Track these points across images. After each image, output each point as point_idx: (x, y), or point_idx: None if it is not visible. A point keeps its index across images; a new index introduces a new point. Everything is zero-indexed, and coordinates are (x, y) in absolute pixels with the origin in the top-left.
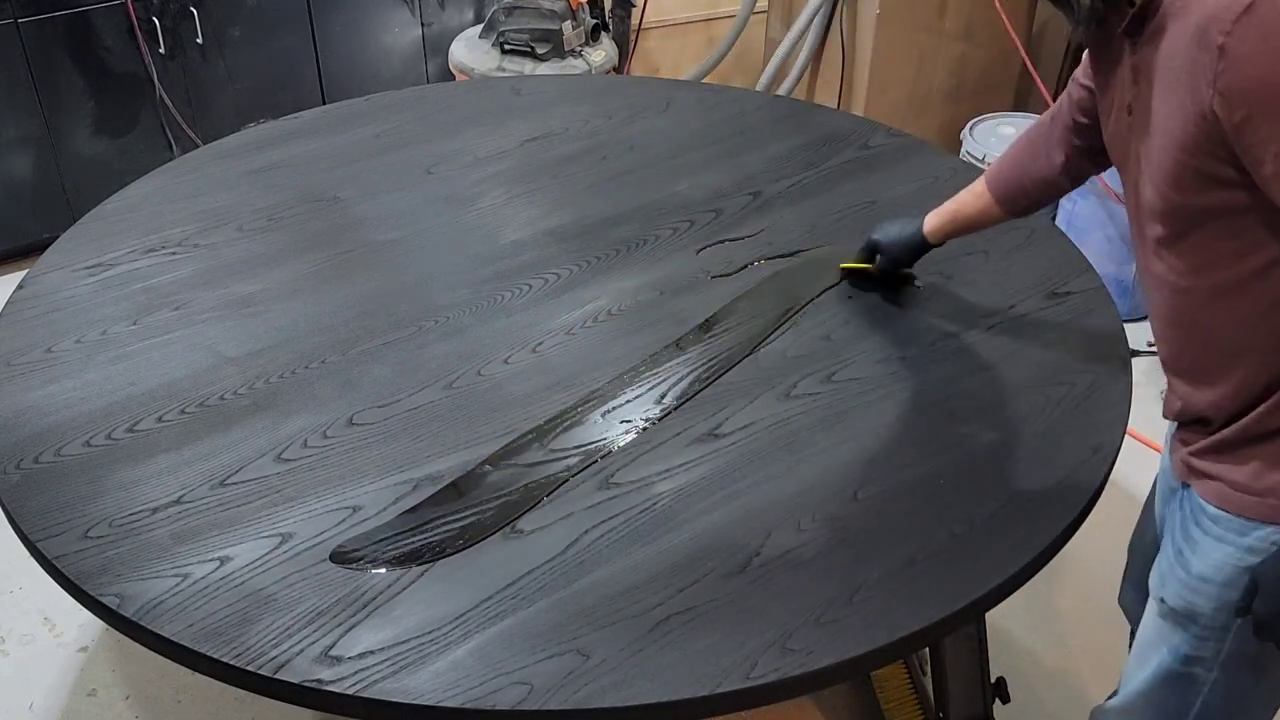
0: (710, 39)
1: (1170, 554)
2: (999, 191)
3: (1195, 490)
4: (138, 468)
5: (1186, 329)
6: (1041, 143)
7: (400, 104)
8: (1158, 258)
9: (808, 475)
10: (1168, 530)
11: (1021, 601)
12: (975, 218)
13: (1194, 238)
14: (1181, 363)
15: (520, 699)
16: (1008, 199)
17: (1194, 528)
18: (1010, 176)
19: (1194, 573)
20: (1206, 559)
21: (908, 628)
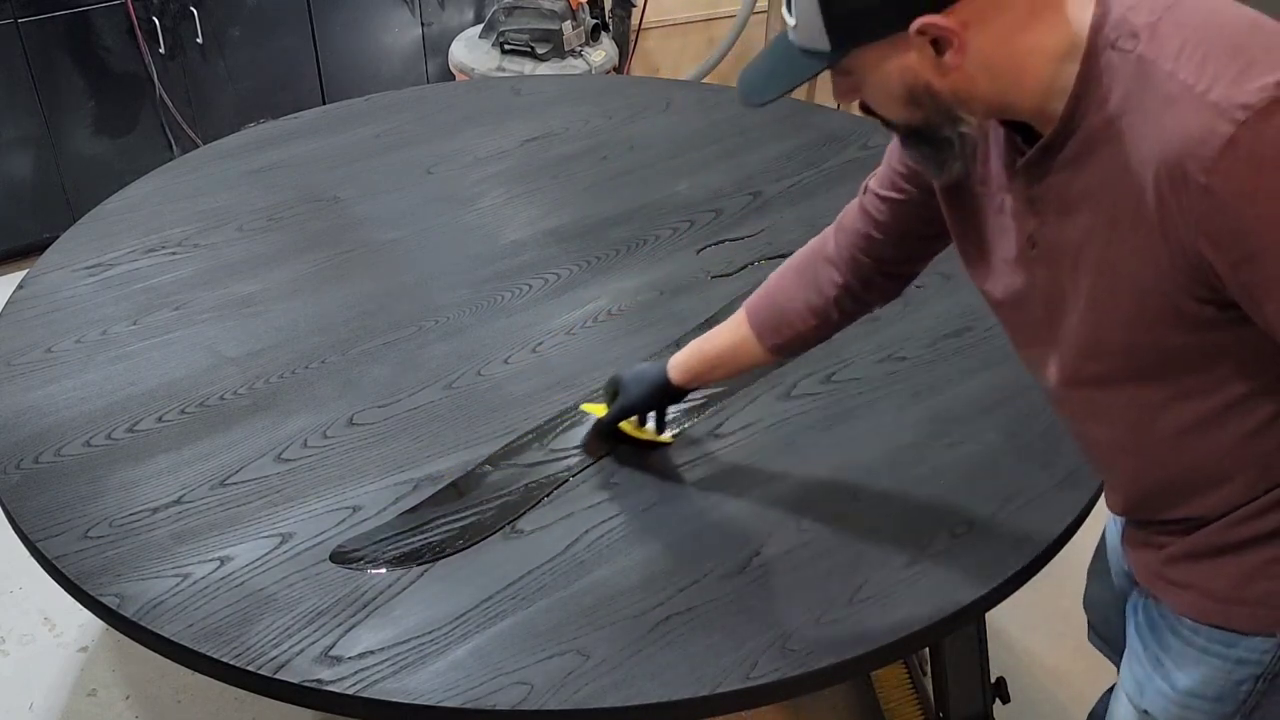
0: (710, 39)
1: (1144, 661)
2: (760, 322)
3: (1167, 602)
4: (138, 468)
5: (1143, 463)
6: (814, 264)
7: (400, 104)
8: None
9: (808, 475)
10: (1131, 625)
11: (1021, 601)
12: (730, 354)
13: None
14: (1136, 490)
15: (520, 699)
16: (768, 330)
17: (1170, 636)
18: (774, 303)
19: (1181, 689)
20: (1193, 674)
21: (908, 628)
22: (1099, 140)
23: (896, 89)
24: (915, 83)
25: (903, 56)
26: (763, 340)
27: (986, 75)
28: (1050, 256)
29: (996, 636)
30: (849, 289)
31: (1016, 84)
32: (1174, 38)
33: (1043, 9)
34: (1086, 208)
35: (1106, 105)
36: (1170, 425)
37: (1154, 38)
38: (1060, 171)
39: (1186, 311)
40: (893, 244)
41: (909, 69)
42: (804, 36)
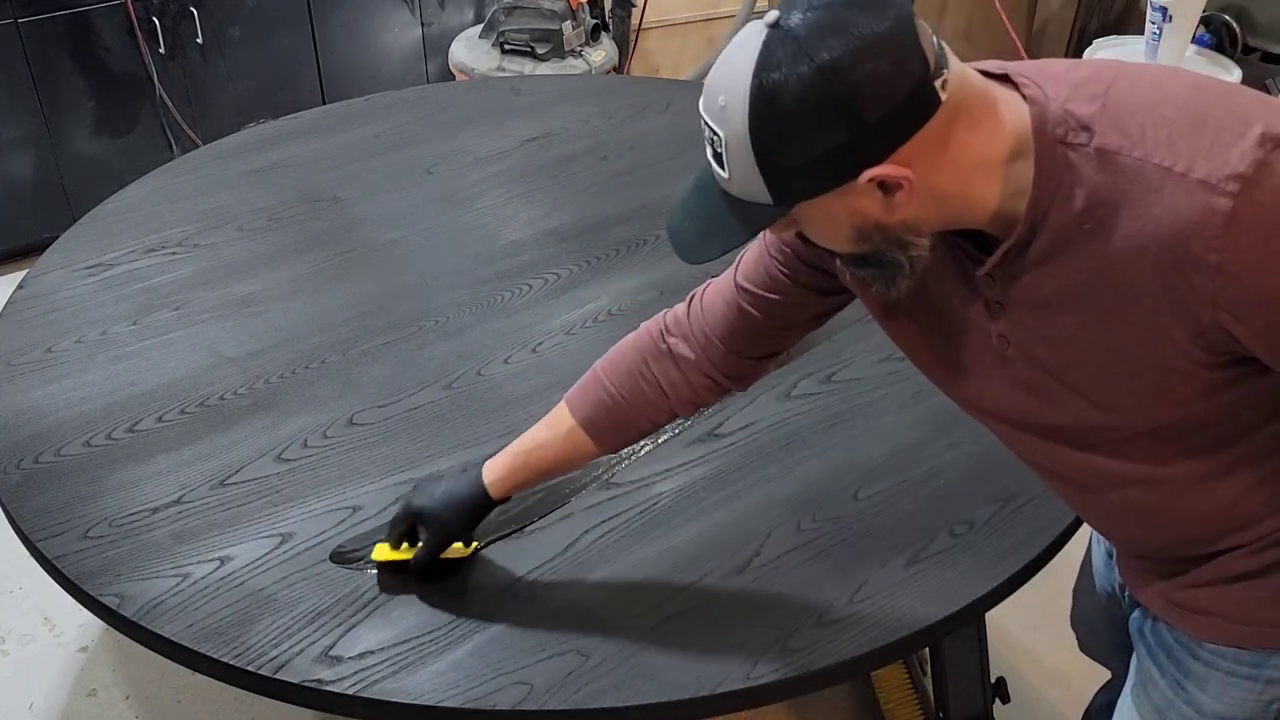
0: (710, 39)
1: (1164, 687)
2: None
3: (1183, 629)
4: (138, 468)
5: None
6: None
7: (400, 104)
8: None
9: (808, 475)
10: (1144, 650)
11: (1021, 601)
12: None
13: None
14: (1154, 541)
15: (520, 699)
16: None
17: (1190, 660)
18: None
19: (1209, 713)
20: (1221, 698)
21: (908, 628)
22: (1071, 238)
23: (844, 229)
24: (864, 223)
25: (850, 202)
26: (603, 444)
27: (937, 201)
28: (1030, 354)
29: (996, 636)
30: (710, 381)
31: (967, 202)
32: (1129, 123)
33: (979, 121)
34: (1067, 305)
35: (1072, 203)
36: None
37: (1106, 128)
38: (1031, 270)
39: (1210, 380)
40: (768, 336)
41: (857, 211)
42: (740, 190)
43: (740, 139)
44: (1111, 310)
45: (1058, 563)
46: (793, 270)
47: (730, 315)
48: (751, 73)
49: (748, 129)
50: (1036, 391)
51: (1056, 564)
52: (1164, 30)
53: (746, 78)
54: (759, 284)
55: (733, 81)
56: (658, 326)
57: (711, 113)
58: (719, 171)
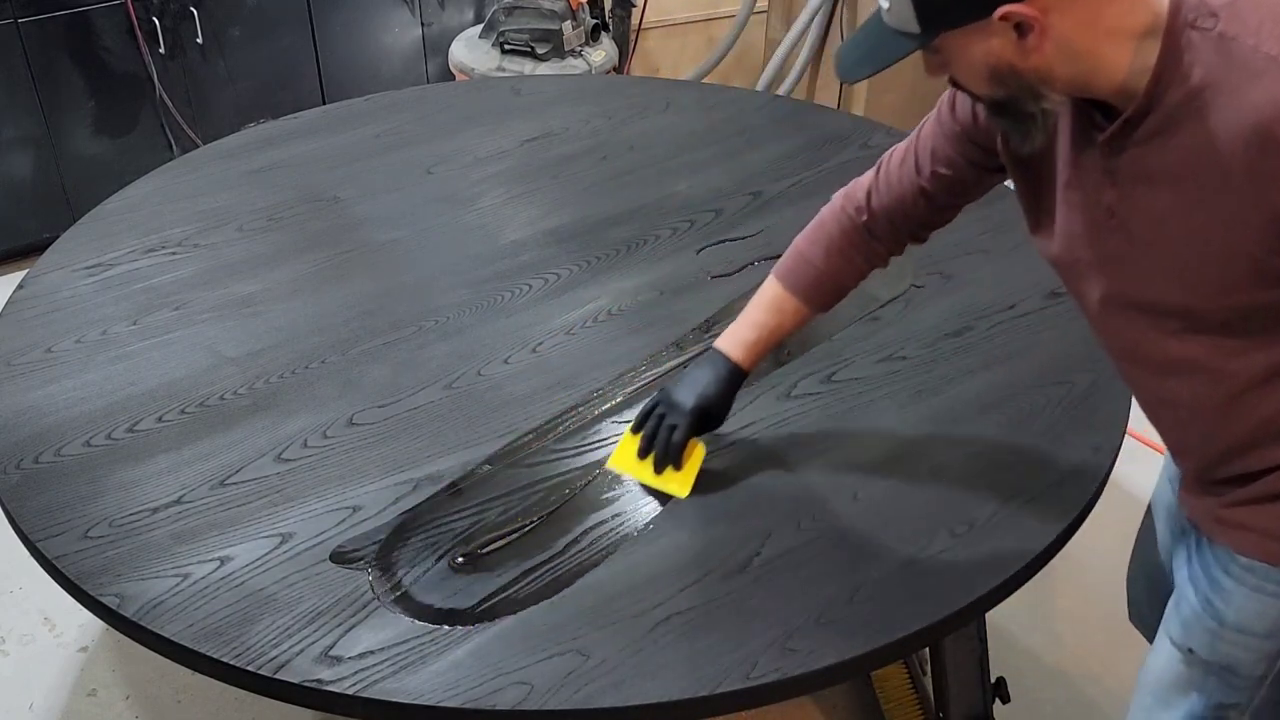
0: (710, 39)
1: (1194, 602)
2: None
3: (1223, 542)
4: (138, 468)
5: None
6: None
7: (400, 104)
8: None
9: (808, 475)
10: (1182, 573)
11: (1021, 601)
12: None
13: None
14: (1221, 443)
15: (520, 699)
16: (814, 295)
17: (1222, 576)
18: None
19: (1229, 624)
20: (1243, 610)
21: (908, 628)
22: (1181, 115)
23: (981, 69)
24: (999, 64)
25: (987, 40)
26: (816, 307)
27: (1068, 57)
28: (1128, 227)
29: (996, 636)
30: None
31: (1097, 65)
32: (1250, 17)
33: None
34: (1168, 181)
35: (1188, 81)
36: (1245, 377)
37: (1233, 16)
38: (1140, 145)
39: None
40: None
41: (993, 52)
42: (895, 19)
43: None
44: (1202, 190)
45: (1058, 563)
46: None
47: (906, 185)
48: None
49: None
50: (1128, 265)
51: (1056, 564)
52: None
53: None
54: (934, 158)
55: None
56: (846, 203)
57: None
58: (882, 2)
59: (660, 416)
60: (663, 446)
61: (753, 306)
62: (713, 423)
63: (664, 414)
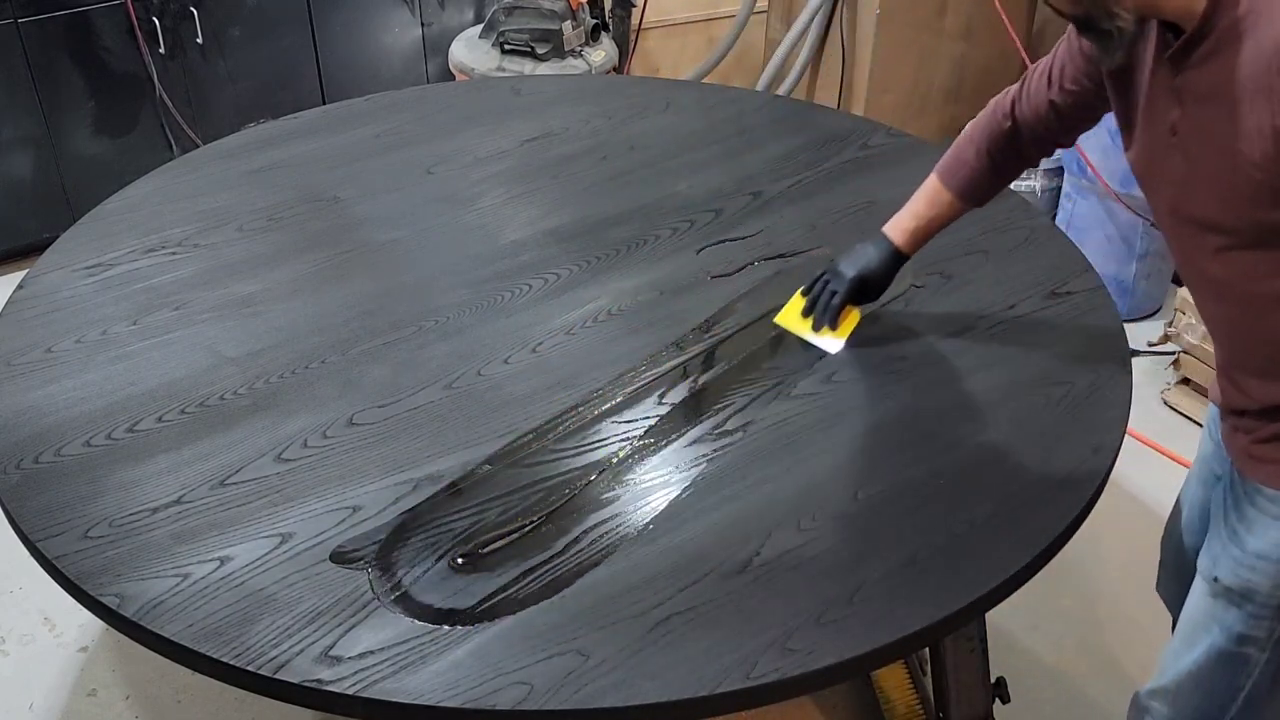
0: (710, 39)
1: (1223, 534)
2: (962, 188)
3: (1252, 476)
4: (138, 468)
5: (1256, 331)
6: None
7: (400, 104)
8: (1220, 264)
9: (808, 475)
10: (1216, 513)
11: (1021, 601)
12: (942, 217)
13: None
14: (1250, 363)
15: (520, 699)
16: (969, 193)
17: (1249, 508)
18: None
19: (1250, 550)
20: (1264, 537)
21: (908, 628)
22: (1228, 38)
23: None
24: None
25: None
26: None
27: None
28: (1185, 145)
29: (996, 636)
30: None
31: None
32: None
33: None
34: (1216, 99)
35: (1236, 7)
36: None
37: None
38: (1197, 66)
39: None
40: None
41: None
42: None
43: None
44: (1238, 107)
45: (1058, 563)
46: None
47: (1041, 98)
48: None
49: None
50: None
51: (1056, 564)
52: None
53: None
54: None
55: None
56: (999, 106)
57: None
58: None
59: (825, 282)
60: (823, 307)
61: (915, 198)
62: (871, 294)
63: (828, 280)
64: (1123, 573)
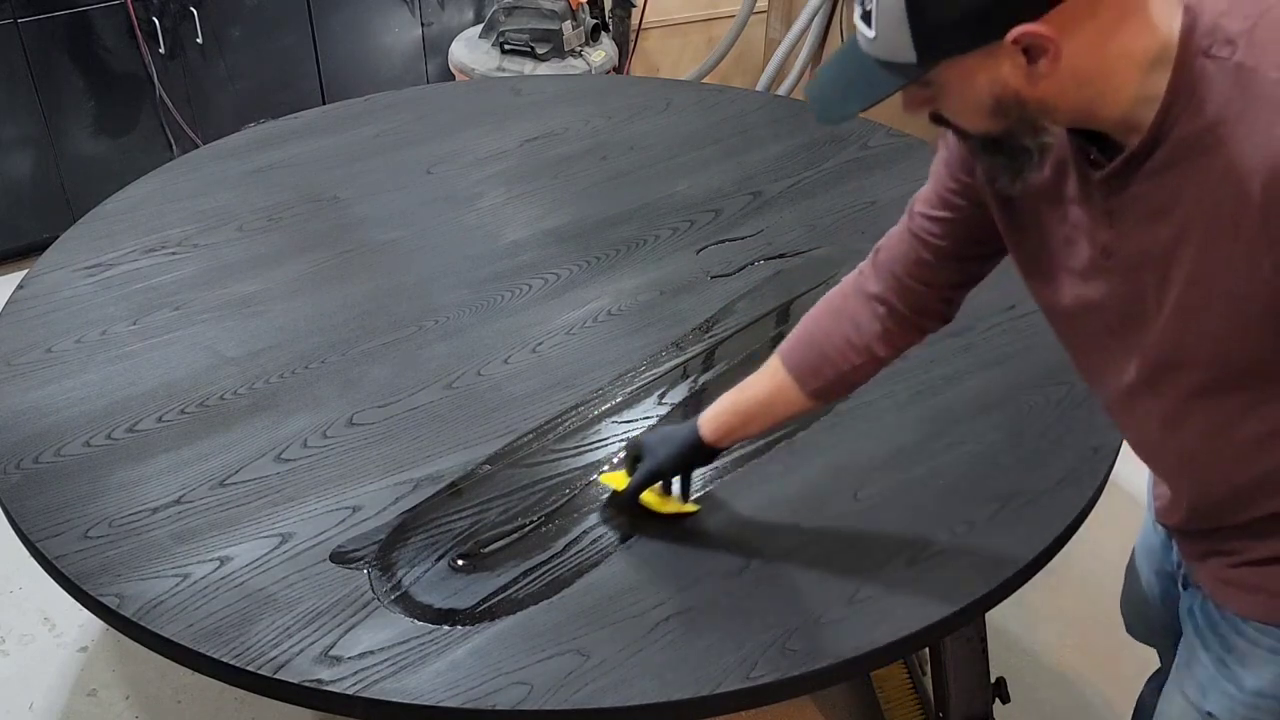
0: (710, 39)
1: (1208, 664)
2: (798, 366)
3: (1234, 608)
4: (138, 468)
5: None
6: (853, 301)
7: (400, 104)
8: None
9: (808, 475)
10: (1189, 627)
11: (1021, 601)
12: (767, 405)
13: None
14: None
15: (520, 699)
16: (809, 374)
17: (1236, 638)
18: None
19: (1249, 689)
20: (1262, 675)
21: (908, 628)
22: (1192, 149)
23: (984, 100)
24: (1004, 93)
25: (994, 67)
26: (804, 385)
27: (1076, 83)
28: (1128, 266)
29: (996, 636)
30: (899, 320)
31: (1104, 92)
32: (1272, 45)
33: (1130, 13)
34: (1174, 218)
35: (1202, 114)
36: (1250, 430)
37: (1252, 45)
38: (1146, 181)
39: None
40: (947, 266)
41: (999, 79)
42: (884, 49)
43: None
44: (1210, 230)
45: (1058, 563)
46: (961, 184)
47: (908, 242)
48: None
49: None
50: (1128, 307)
51: (1056, 564)
52: None
53: None
54: (934, 205)
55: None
56: (861, 264)
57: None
58: (865, 32)
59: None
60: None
61: (748, 382)
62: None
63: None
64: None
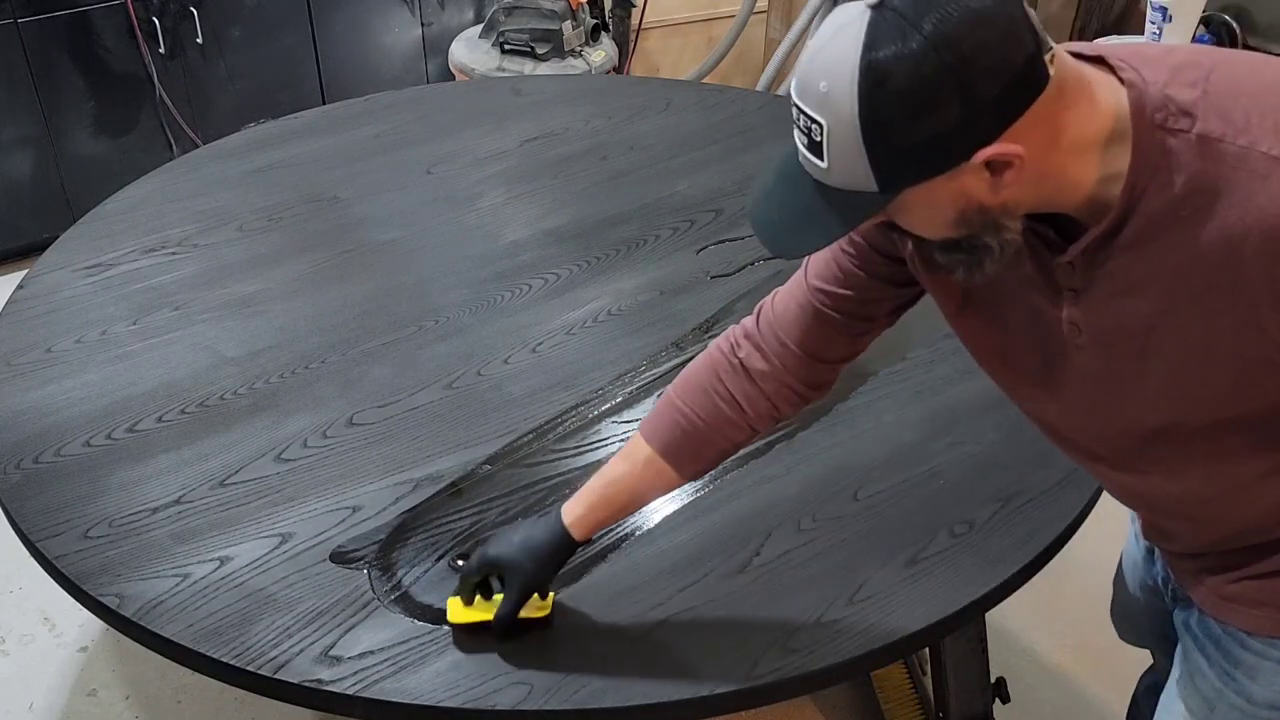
0: (710, 39)
1: (1210, 676)
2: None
3: (1233, 622)
4: (138, 468)
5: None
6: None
7: (400, 104)
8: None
9: (808, 475)
10: (1191, 642)
11: (1021, 601)
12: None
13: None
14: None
15: (520, 699)
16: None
17: (1240, 650)
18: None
19: (1259, 701)
20: (1272, 687)
21: (908, 628)
22: (1164, 224)
23: (948, 214)
24: (968, 205)
25: (956, 184)
26: (681, 470)
27: (1036, 183)
28: (1101, 343)
29: (996, 636)
30: (786, 397)
31: (1063, 183)
32: (1232, 111)
33: (1074, 100)
34: (1151, 292)
35: (1170, 188)
36: (1253, 468)
37: (1210, 113)
38: (1115, 258)
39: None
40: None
41: (962, 194)
42: (840, 179)
43: (847, 124)
44: (1200, 298)
45: (1058, 563)
46: (866, 262)
47: (805, 318)
48: (859, 53)
49: (857, 114)
50: (1105, 382)
51: (1056, 564)
52: (1164, 30)
53: (853, 59)
54: (833, 281)
55: (837, 65)
56: (728, 342)
57: (811, 101)
58: (815, 162)
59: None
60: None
61: (609, 466)
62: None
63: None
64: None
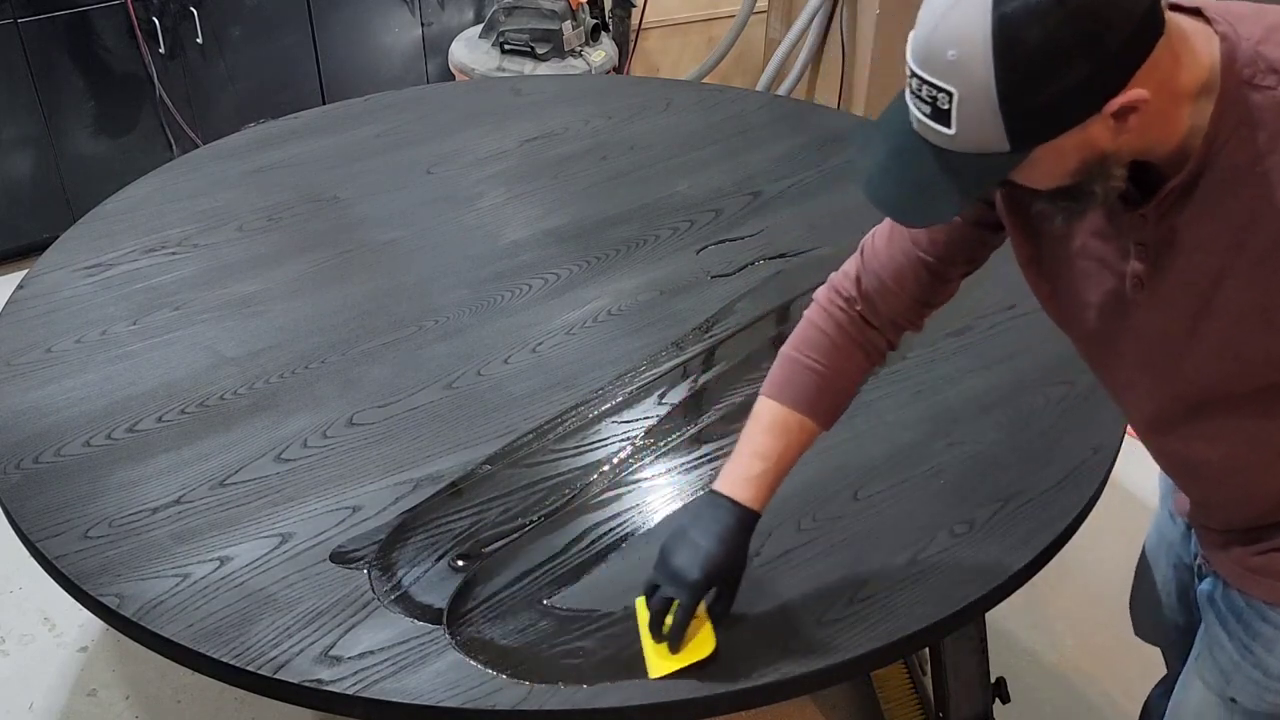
0: (710, 39)
1: (1230, 649)
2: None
3: (1258, 595)
4: (138, 468)
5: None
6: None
7: (400, 104)
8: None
9: (808, 475)
10: (1214, 616)
11: (1021, 601)
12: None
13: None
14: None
15: (520, 699)
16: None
17: (1261, 624)
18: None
19: (1276, 674)
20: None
21: (908, 628)
22: (1240, 180)
23: (1071, 164)
24: (1091, 155)
25: (1085, 134)
26: (827, 423)
27: (1148, 127)
28: (1163, 298)
29: (996, 636)
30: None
31: (1165, 131)
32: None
33: (1180, 51)
34: (1218, 248)
35: (1253, 144)
36: None
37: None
38: (1186, 211)
39: None
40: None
41: (1087, 143)
42: (969, 143)
43: (980, 88)
44: (1264, 259)
45: (1058, 563)
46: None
47: (904, 262)
48: (989, 18)
49: (992, 76)
50: (1165, 336)
51: (1056, 564)
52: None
53: (983, 25)
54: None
55: (965, 31)
56: (840, 296)
57: (937, 70)
58: (940, 130)
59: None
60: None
61: (749, 434)
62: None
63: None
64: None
